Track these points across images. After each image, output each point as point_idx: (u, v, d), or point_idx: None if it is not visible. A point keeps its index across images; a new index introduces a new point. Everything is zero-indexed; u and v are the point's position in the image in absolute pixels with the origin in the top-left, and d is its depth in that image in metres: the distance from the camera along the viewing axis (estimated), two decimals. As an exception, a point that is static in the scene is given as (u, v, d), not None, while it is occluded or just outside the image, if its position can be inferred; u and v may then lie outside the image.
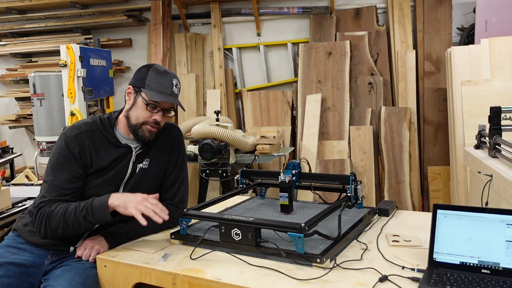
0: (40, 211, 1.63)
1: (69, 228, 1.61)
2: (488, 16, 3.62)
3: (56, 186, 1.65)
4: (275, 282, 1.31)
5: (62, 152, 1.68)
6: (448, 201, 3.82)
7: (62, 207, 1.61)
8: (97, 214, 1.59)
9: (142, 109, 1.73)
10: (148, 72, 1.73)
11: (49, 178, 1.68)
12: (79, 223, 1.60)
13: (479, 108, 3.25)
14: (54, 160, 1.69)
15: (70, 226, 1.60)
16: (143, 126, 1.74)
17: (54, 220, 1.61)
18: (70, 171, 1.67)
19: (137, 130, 1.75)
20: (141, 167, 1.81)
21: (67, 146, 1.69)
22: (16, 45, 5.09)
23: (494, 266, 1.27)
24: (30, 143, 5.42)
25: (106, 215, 1.59)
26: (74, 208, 1.60)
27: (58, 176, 1.66)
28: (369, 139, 4.01)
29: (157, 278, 1.47)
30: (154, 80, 1.72)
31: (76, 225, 1.60)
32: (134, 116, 1.74)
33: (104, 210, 1.59)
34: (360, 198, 1.86)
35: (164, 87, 1.73)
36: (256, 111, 4.42)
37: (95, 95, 3.81)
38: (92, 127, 1.75)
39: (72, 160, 1.68)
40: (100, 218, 1.60)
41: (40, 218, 1.63)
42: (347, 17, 4.35)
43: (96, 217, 1.59)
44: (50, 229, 1.62)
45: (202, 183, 3.55)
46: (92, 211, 1.59)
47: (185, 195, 1.92)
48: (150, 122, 1.74)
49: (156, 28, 4.65)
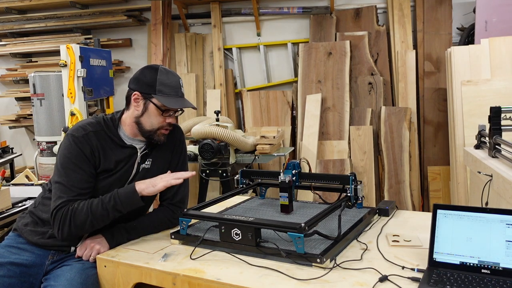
0: (61, 211, 1.61)
1: (97, 220, 1.63)
2: (488, 16, 3.62)
3: (72, 187, 1.64)
4: (275, 282, 1.31)
5: (74, 152, 1.67)
6: (448, 201, 3.83)
7: (86, 203, 1.63)
8: (126, 202, 1.63)
9: (156, 116, 1.73)
10: (156, 76, 1.71)
11: (62, 179, 1.65)
12: (108, 214, 1.63)
13: (479, 108, 3.25)
14: (66, 161, 1.66)
15: (98, 218, 1.62)
16: (158, 131, 1.76)
17: (80, 216, 1.60)
18: (84, 170, 1.66)
19: (152, 135, 1.76)
20: (144, 167, 1.81)
21: (77, 146, 1.67)
22: (16, 45, 5.09)
23: (494, 266, 1.27)
24: (30, 143, 5.42)
25: (136, 200, 1.64)
26: (100, 201, 1.63)
27: (72, 177, 1.65)
28: (369, 139, 4.01)
29: (157, 278, 1.47)
30: (163, 85, 1.71)
31: (105, 216, 1.63)
32: (148, 123, 1.74)
33: (134, 195, 1.63)
34: (360, 198, 1.86)
35: (175, 90, 1.73)
36: (256, 111, 4.42)
37: (95, 95, 3.81)
38: (97, 128, 1.74)
39: (84, 160, 1.67)
40: (130, 205, 1.65)
41: (62, 217, 1.61)
42: (347, 17, 4.35)
43: (125, 204, 1.64)
44: (75, 226, 1.61)
45: (202, 183, 3.55)
46: (120, 199, 1.63)
47: (185, 195, 1.92)
48: (165, 126, 1.76)
49: (156, 28, 4.65)
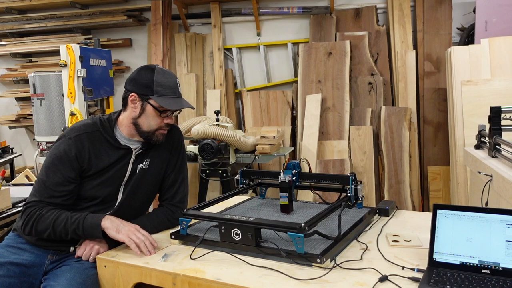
0: (29, 210, 1.65)
1: (55, 235, 1.63)
2: (488, 16, 3.62)
3: (48, 188, 1.66)
4: (275, 282, 1.31)
5: (58, 154, 1.68)
6: (448, 201, 3.82)
7: (54, 214, 1.63)
8: (88, 231, 1.62)
9: (154, 117, 1.73)
10: (153, 77, 1.70)
11: (42, 177, 1.69)
12: (67, 234, 1.63)
13: (479, 108, 3.25)
14: (49, 161, 1.70)
15: (57, 233, 1.63)
16: (157, 132, 1.76)
17: (43, 225, 1.62)
18: (62, 174, 1.67)
19: (150, 136, 1.76)
20: (141, 167, 1.80)
21: (63, 148, 1.68)
22: (16, 45, 5.09)
23: (494, 266, 1.27)
24: (30, 143, 5.42)
25: (97, 233, 1.61)
26: (66, 219, 1.62)
27: (51, 178, 1.67)
28: (369, 139, 4.01)
29: (157, 278, 1.47)
30: (160, 85, 1.70)
31: (64, 234, 1.63)
32: (146, 124, 1.74)
33: (96, 228, 1.61)
34: (360, 198, 1.86)
35: (172, 90, 1.73)
36: (256, 111, 4.42)
37: (95, 95, 3.81)
38: (92, 129, 1.74)
39: (66, 163, 1.67)
40: (89, 235, 1.63)
41: (28, 217, 1.64)
42: (347, 17, 4.35)
43: (86, 233, 1.62)
44: (35, 231, 1.64)
45: (202, 183, 3.55)
46: (83, 226, 1.61)
47: (185, 195, 1.92)
48: (163, 126, 1.76)
49: (156, 28, 4.65)
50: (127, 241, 1.58)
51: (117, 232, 1.59)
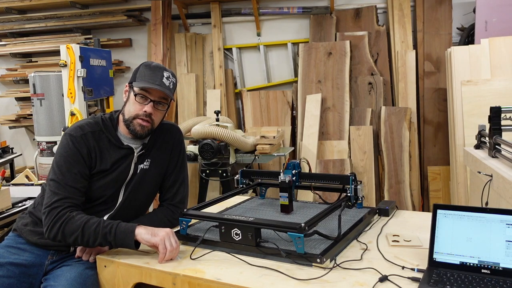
0: (56, 211, 1.58)
1: (83, 239, 1.56)
2: (488, 16, 3.62)
3: (66, 185, 1.62)
4: (275, 282, 1.31)
5: (70, 152, 1.66)
6: (448, 201, 3.83)
7: (84, 217, 1.57)
8: (119, 237, 1.54)
9: (134, 103, 1.72)
10: (140, 67, 1.74)
11: (57, 177, 1.63)
12: (96, 238, 1.55)
13: (479, 108, 3.25)
14: (62, 160, 1.66)
15: (85, 237, 1.55)
16: (135, 120, 1.72)
17: (72, 227, 1.55)
18: (79, 170, 1.65)
19: (129, 125, 1.73)
20: (142, 167, 1.80)
21: (74, 146, 1.67)
22: (16, 45, 5.08)
23: (494, 266, 1.27)
24: (30, 143, 5.42)
25: (129, 240, 1.53)
26: (98, 222, 1.55)
27: (67, 175, 1.63)
28: (369, 139, 4.01)
29: (157, 278, 1.47)
30: (143, 73, 1.72)
31: (92, 239, 1.55)
32: (127, 110, 1.74)
33: (129, 235, 1.54)
34: (360, 198, 1.86)
35: (153, 78, 1.71)
36: (256, 111, 4.42)
37: (95, 95, 3.81)
38: (95, 128, 1.74)
39: (80, 159, 1.66)
40: (120, 242, 1.55)
41: (55, 218, 1.57)
42: (347, 17, 4.35)
43: (117, 238, 1.54)
44: (62, 233, 1.56)
45: (202, 183, 3.55)
46: (116, 231, 1.54)
47: (185, 195, 1.92)
48: (141, 115, 1.71)
49: (156, 28, 4.65)
50: (161, 248, 1.50)
51: (153, 235, 1.52)
